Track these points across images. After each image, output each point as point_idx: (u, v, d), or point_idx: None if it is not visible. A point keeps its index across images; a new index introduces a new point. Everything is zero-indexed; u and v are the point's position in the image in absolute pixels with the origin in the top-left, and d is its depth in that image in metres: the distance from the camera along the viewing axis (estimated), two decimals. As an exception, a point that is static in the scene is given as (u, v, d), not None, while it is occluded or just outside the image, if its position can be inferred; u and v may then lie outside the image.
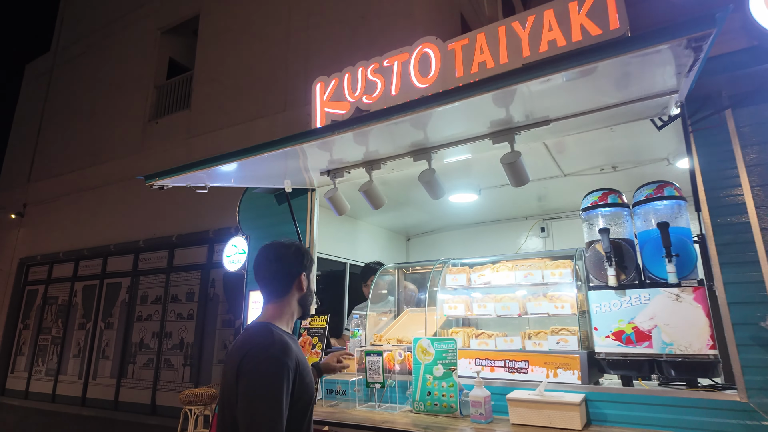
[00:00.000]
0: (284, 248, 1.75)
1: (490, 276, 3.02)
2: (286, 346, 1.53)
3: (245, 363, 1.48)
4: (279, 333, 1.60)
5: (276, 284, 1.73)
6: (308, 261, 1.80)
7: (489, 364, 2.70)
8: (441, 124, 2.52)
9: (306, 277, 1.77)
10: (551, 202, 4.89)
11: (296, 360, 1.54)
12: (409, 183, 3.88)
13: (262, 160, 2.41)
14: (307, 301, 1.80)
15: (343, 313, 4.96)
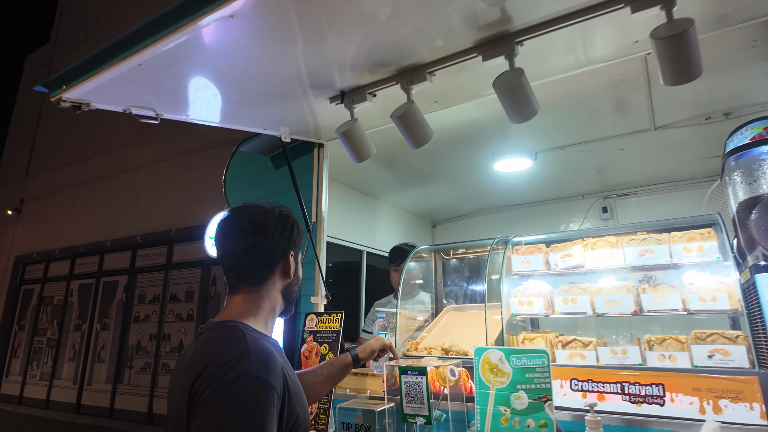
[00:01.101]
0: (264, 214, 1.25)
1: (581, 256, 2.06)
2: (267, 357, 1.07)
3: (203, 387, 1.01)
4: (255, 337, 1.12)
5: (251, 267, 1.23)
6: (298, 234, 1.32)
7: (595, 389, 1.74)
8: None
9: (294, 257, 1.31)
10: (614, 175, 3.92)
11: (284, 378, 1.08)
12: (444, 142, 2.94)
13: (236, 47, 1.42)
14: (293, 292, 1.33)
15: (359, 312, 4.03)
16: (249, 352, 1.04)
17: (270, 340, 1.21)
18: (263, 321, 1.22)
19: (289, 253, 1.26)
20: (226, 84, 1.68)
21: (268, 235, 1.23)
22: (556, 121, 2.88)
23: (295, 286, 1.31)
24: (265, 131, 2.22)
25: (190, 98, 1.77)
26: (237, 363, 1.01)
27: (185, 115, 1.88)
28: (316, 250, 2.51)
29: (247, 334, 1.10)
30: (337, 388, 2.22)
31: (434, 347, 2.20)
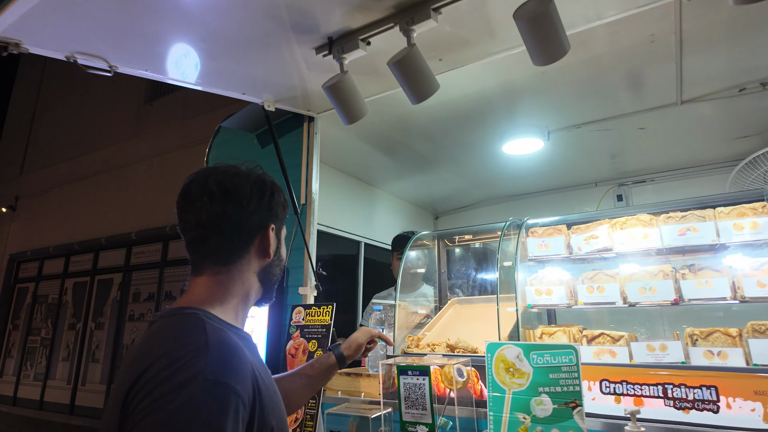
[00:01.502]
0: (238, 177, 1.02)
1: (608, 238, 1.77)
2: (231, 355, 0.82)
3: (141, 394, 0.76)
4: (218, 329, 0.87)
5: (219, 241, 0.99)
6: (280, 205, 1.08)
7: (631, 392, 1.46)
8: None
9: (276, 232, 1.07)
10: (630, 160, 3.64)
11: (254, 382, 0.83)
12: (448, 120, 2.67)
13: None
14: (272, 275, 1.08)
15: (356, 308, 3.75)
16: (207, 347, 0.80)
17: (240, 333, 0.96)
18: (233, 310, 0.98)
19: (269, 226, 1.02)
20: (190, 24, 1.39)
21: (242, 201, 0.98)
22: (572, 94, 2.60)
23: (276, 267, 1.07)
24: (245, 96, 1.95)
25: (150, 46, 1.48)
26: (189, 362, 0.77)
27: (145, 69, 1.61)
28: (305, 235, 2.24)
29: (208, 324, 0.86)
30: (327, 390, 1.94)
31: (438, 344, 1.92)
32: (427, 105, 2.63)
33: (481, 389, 1.68)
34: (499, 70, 2.31)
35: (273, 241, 1.04)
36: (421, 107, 2.66)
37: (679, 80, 2.46)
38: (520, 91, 2.54)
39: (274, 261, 1.05)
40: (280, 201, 1.07)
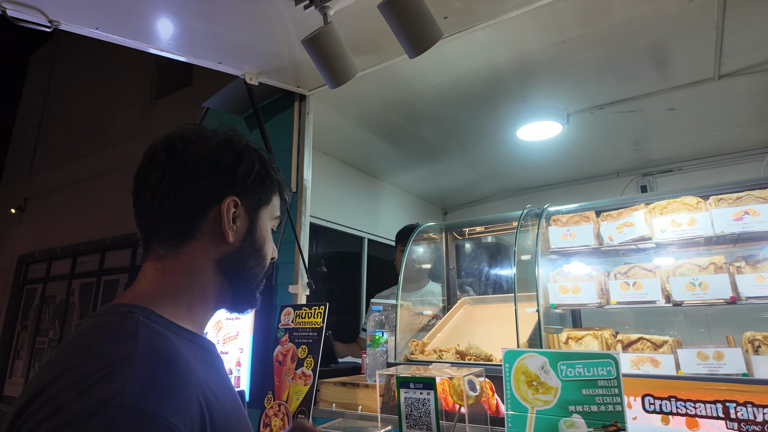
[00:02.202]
0: (195, 135, 0.80)
1: (646, 224, 1.50)
2: (167, 371, 0.61)
3: (36, 417, 0.55)
4: (157, 336, 0.66)
5: (160, 216, 0.77)
6: (254, 174, 0.82)
7: (682, 410, 1.20)
8: None
9: (247, 210, 0.81)
10: (655, 148, 3.35)
11: (201, 406, 0.61)
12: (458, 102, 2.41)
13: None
14: (242, 267, 0.81)
15: (359, 309, 3.51)
16: (132, 360, 0.58)
17: (197, 341, 0.75)
18: (185, 308, 0.76)
19: (226, 198, 0.78)
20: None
21: (186, 162, 0.77)
22: (594, 68, 2.33)
23: (248, 258, 0.81)
24: (222, 67, 1.72)
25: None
26: (101, 381, 0.56)
27: (95, 27, 1.38)
28: (296, 227, 2.00)
29: (143, 328, 0.65)
30: (320, 402, 1.70)
31: (446, 349, 1.67)
32: (434, 84, 2.39)
33: (497, 404, 1.42)
34: (512, 40, 2.06)
35: (240, 220, 0.80)
36: (427, 87, 2.42)
37: (719, 50, 2.17)
38: (537, 65, 2.27)
39: (242, 249, 0.80)
40: (255, 170, 0.82)
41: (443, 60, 2.18)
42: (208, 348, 0.77)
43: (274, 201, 0.87)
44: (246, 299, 0.84)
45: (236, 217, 0.79)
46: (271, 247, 0.87)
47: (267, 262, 0.86)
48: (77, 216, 10.46)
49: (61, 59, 13.30)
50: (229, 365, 1.94)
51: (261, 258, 0.84)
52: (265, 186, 0.84)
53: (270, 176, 0.86)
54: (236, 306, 0.84)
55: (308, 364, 1.64)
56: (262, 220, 0.84)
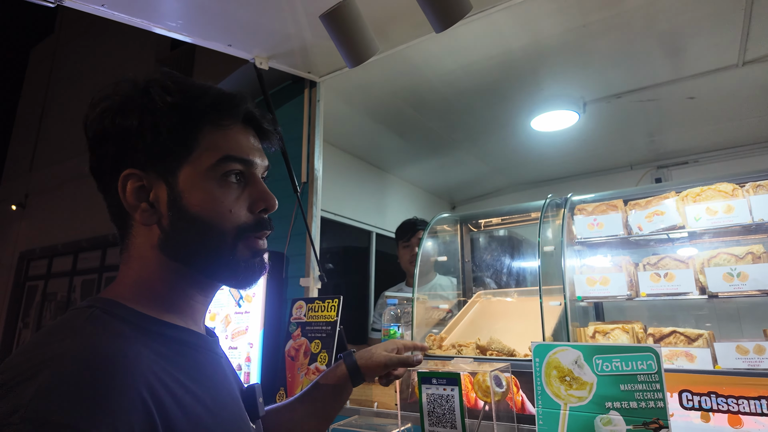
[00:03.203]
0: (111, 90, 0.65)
1: (678, 212, 1.43)
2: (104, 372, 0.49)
3: None
4: (104, 331, 0.56)
5: (106, 204, 0.68)
6: (133, 125, 0.63)
7: (723, 407, 1.13)
8: None
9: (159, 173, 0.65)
10: (670, 139, 3.27)
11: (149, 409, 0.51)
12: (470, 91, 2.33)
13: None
14: (185, 244, 0.65)
15: (368, 305, 3.44)
16: (56, 361, 0.49)
17: (179, 335, 0.63)
18: (161, 299, 0.64)
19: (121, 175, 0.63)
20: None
21: (96, 146, 0.65)
22: (613, 55, 2.25)
23: (186, 233, 0.63)
24: (232, 50, 1.65)
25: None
26: (15, 387, 0.47)
27: (101, 5, 1.32)
28: (307, 218, 1.93)
29: (92, 323, 0.56)
30: (334, 399, 1.63)
31: (466, 344, 1.60)
32: (447, 71, 2.31)
33: (522, 401, 1.36)
34: (530, 24, 1.98)
35: (156, 193, 0.63)
36: (440, 74, 2.35)
37: (745, 35, 2.09)
38: (554, 51, 2.19)
39: (172, 226, 0.63)
40: (140, 124, 0.61)
41: (457, 45, 2.11)
42: (193, 343, 0.65)
43: (203, 144, 0.64)
44: (225, 274, 0.66)
45: (149, 190, 0.63)
46: (224, 206, 0.64)
47: (223, 227, 0.64)
48: (78, 212, 10.41)
49: (61, 54, 13.24)
50: (239, 361, 1.87)
51: (205, 227, 0.63)
52: (165, 135, 0.62)
53: (170, 120, 0.63)
54: (225, 282, 0.68)
55: (322, 359, 1.57)
56: (187, 180, 0.63)
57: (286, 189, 1.96)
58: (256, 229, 0.67)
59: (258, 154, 0.70)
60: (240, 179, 0.67)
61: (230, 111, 0.67)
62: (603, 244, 1.57)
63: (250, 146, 0.69)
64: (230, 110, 0.67)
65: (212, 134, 0.65)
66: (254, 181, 0.69)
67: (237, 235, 0.65)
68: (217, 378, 0.66)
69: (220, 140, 0.66)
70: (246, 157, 0.67)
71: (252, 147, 0.69)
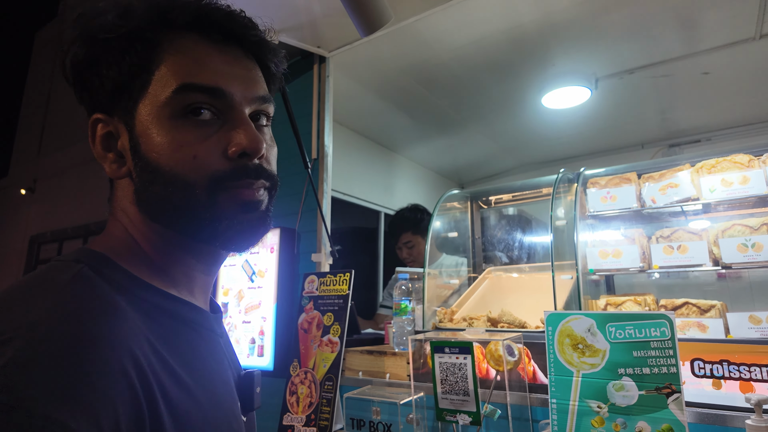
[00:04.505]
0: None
1: (692, 184, 1.42)
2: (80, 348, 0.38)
3: None
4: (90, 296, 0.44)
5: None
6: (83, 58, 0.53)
7: (735, 374, 1.14)
8: None
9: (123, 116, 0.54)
10: (682, 116, 3.22)
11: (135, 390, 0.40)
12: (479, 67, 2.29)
13: None
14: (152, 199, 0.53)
15: (376, 285, 3.47)
16: (28, 330, 0.39)
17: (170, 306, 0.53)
18: (150, 262, 0.55)
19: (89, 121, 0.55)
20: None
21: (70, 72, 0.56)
22: (627, 28, 2.21)
23: (151, 185, 0.53)
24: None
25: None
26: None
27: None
28: (318, 194, 1.94)
29: (78, 283, 0.46)
30: (347, 370, 1.67)
31: (477, 317, 1.62)
32: (457, 46, 2.28)
33: (533, 371, 1.37)
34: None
35: (123, 140, 0.54)
36: (450, 50, 2.32)
37: (763, 7, 2.04)
38: (566, 25, 2.16)
39: (139, 179, 0.53)
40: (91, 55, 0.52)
41: (468, 19, 2.08)
42: (190, 320, 0.55)
43: (159, 75, 0.52)
44: (210, 234, 0.54)
45: (117, 137, 0.55)
46: (186, 153, 0.51)
47: (189, 178, 0.52)
48: (87, 195, 10.50)
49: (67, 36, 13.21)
50: (252, 334, 1.91)
51: (168, 179, 0.52)
52: (117, 68, 0.52)
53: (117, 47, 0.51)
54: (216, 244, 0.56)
55: (335, 332, 1.59)
56: (142, 122, 0.52)
57: (297, 165, 1.96)
58: (235, 177, 0.53)
59: (238, 81, 0.55)
60: (214, 116, 0.53)
61: (186, 20, 0.53)
62: (616, 218, 1.57)
63: (222, 70, 0.53)
64: (186, 19, 0.53)
65: (171, 58, 0.52)
66: (232, 117, 0.54)
67: (211, 187, 0.52)
68: (213, 365, 0.57)
69: (176, 64, 0.52)
70: (212, 84, 0.52)
71: (226, 71, 0.54)
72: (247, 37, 0.57)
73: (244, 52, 0.57)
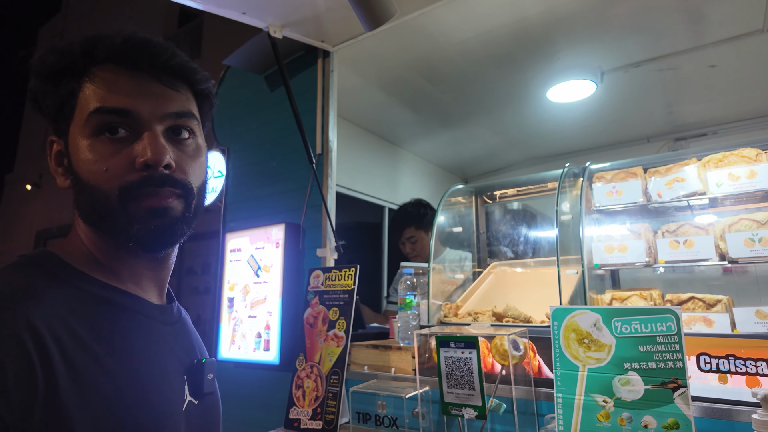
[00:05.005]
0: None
1: (699, 179, 1.42)
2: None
3: None
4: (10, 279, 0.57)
5: None
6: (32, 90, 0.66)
7: (741, 369, 1.14)
8: None
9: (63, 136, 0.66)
10: (689, 110, 3.20)
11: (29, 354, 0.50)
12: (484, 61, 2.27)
13: None
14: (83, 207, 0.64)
15: (380, 280, 3.48)
16: None
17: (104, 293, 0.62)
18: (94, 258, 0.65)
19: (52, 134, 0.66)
20: None
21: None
22: (633, 21, 2.18)
23: (80, 195, 0.63)
24: (246, 18, 1.63)
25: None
26: None
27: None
28: (323, 189, 1.94)
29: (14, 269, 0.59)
30: (352, 365, 1.68)
31: (482, 312, 1.62)
32: (462, 39, 2.27)
33: (539, 365, 1.38)
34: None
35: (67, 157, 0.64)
36: (454, 43, 2.30)
37: (770, -1, 2.02)
38: (570, 18, 2.13)
39: (74, 190, 0.64)
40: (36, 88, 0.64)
41: (473, 13, 2.06)
42: (120, 304, 0.63)
43: (80, 100, 0.61)
44: (130, 238, 0.62)
45: (64, 156, 0.64)
46: (98, 167, 0.60)
47: (101, 188, 0.60)
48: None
49: (69, 33, 13.22)
50: (258, 329, 1.92)
51: (88, 190, 0.61)
52: (53, 98, 0.62)
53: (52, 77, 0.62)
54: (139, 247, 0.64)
55: (340, 326, 1.60)
56: (72, 140, 0.62)
57: (302, 161, 1.96)
58: (142, 186, 0.61)
59: (147, 101, 0.62)
60: (128, 133, 0.61)
61: (105, 54, 0.62)
62: (621, 212, 1.56)
63: (131, 93, 0.62)
64: (105, 53, 0.62)
65: (88, 86, 0.61)
66: (141, 133, 0.62)
67: (121, 195, 0.60)
68: (144, 346, 0.64)
69: (93, 91, 0.61)
70: (120, 105, 0.61)
71: (135, 93, 0.62)
72: (159, 63, 0.64)
73: (157, 75, 0.64)
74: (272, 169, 2.16)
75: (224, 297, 2.12)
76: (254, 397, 1.96)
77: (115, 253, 0.66)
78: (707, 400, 1.13)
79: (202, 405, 0.72)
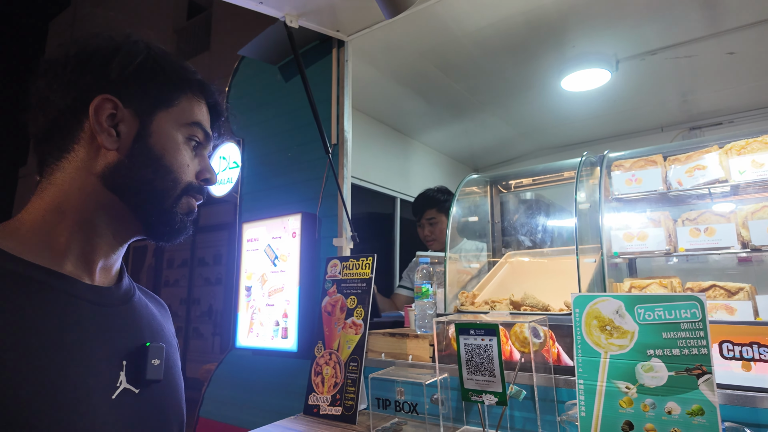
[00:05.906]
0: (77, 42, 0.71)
1: (720, 166, 1.40)
2: None
3: None
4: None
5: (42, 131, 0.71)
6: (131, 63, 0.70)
7: (765, 356, 1.14)
8: None
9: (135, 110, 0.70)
10: (704, 98, 3.15)
11: None
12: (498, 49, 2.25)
13: None
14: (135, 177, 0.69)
15: (393, 269, 3.50)
16: None
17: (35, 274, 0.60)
18: (44, 236, 0.64)
19: (97, 97, 0.66)
20: None
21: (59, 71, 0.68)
22: (651, 9, 2.15)
23: (143, 168, 0.68)
24: (263, 8, 1.63)
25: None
26: None
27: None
28: (338, 179, 1.95)
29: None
30: (370, 352, 1.69)
31: (499, 300, 1.62)
32: (476, 28, 2.25)
33: (558, 353, 1.38)
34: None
35: (125, 125, 0.68)
36: (469, 32, 2.29)
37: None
38: (585, 5, 2.11)
39: (131, 158, 0.68)
40: (136, 63, 0.69)
41: (487, 0, 2.04)
42: (38, 280, 0.60)
43: (182, 104, 0.73)
44: (159, 220, 0.71)
45: (119, 120, 0.68)
46: (183, 160, 0.73)
47: (178, 176, 0.72)
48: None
49: (79, 26, 13.29)
50: (276, 317, 1.94)
51: (163, 169, 0.70)
52: (157, 83, 0.71)
53: (166, 72, 0.72)
54: (151, 230, 0.72)
55: (358, 314, 1.62)
56: (161, 125, 0.71)
57: (317, 151, 1.97)
58: (198, 190, 0.77)
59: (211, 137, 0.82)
60: (196, 147, 0.77)
61: (204, 92, 0.78)
62: (640, 200, 1.56)
63: (209, 126, 0.80)
64: (205, 92, 0.78)
65: (190, 101, 0.75)
66: (204, 155, 0.79)
67: (185, 188, 0.74)
68: (52, 327, 0.59)
69: (195, 108, 0.76)
70: (208, 131, 0.79)
71: (209, 128, 0.80)
72: (221, 115, 0.83)
73: (210, 112, 0.81)
74: (288, 160, 2.17)
75: (242, 286, 2.14)
76: (273, 384, 1.99)
77: (101, 230, 0.69)
78: (731, 387, 1.13)
79: (147, 394, 0.68)
